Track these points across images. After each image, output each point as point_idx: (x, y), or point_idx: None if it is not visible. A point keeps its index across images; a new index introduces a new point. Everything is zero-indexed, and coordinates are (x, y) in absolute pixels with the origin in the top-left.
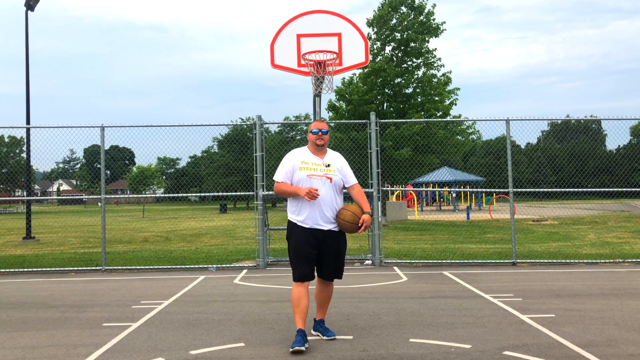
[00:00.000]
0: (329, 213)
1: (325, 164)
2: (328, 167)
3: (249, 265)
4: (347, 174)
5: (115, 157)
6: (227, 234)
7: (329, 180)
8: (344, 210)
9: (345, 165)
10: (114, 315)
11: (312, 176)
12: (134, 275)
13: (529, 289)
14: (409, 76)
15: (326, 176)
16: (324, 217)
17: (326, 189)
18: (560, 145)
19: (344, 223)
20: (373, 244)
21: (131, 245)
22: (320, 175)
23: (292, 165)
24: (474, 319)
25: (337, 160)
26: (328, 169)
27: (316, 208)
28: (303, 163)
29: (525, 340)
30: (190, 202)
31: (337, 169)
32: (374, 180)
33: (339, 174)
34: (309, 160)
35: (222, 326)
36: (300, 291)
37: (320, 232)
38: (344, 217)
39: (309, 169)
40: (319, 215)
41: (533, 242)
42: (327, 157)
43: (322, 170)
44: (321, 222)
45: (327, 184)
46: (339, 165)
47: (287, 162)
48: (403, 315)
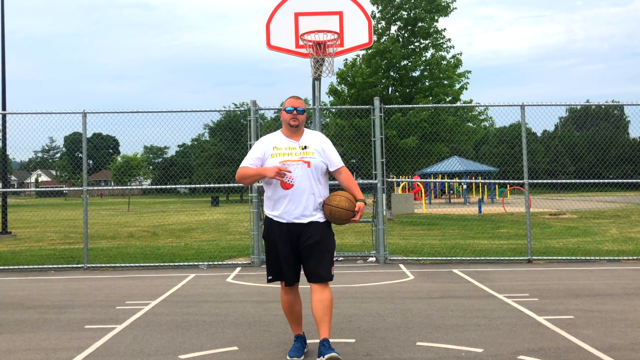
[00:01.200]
0: (310, 204)
1: (302, 146)
2: (305, 149)
3: (242, 263)
4: (331, 156)
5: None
6: (219, 229)
7: (306, 164)
8: (337, 196)
9: (327, 145)
10: (96, 316)
11: (286, 162)
12: (119, 273)
13: (546, 288)
14: (416, 58)
15: (302, 160)
16: (303, 209)
17: (304, 175)
18: (580, 133)
19: (337, 210)
20: (377, 239)
21: (115, 241)
22: (296, 160)
23: (262, 151)
24: (486, 321)
25: (317, 140)
26: (305, 152)
27: (293, 199)
28: (275, 149)
29: (541, 343)
30: (180, 194)
31: (317, 150)
32: (378, 170)
33: (319, 156)
34: (282, 144)
35: (213, 328)
36: (289, 299)
37: (299, 227)
38: (339, 203)
39: (282, 154)
40: (296, 208)
41: (550, 237)
42: (303, 139)
43: (297, 154)
44: (300, 215)
45: (305, 169)
46: (318, 146)
47: (256, 148)
48: (409, 316)
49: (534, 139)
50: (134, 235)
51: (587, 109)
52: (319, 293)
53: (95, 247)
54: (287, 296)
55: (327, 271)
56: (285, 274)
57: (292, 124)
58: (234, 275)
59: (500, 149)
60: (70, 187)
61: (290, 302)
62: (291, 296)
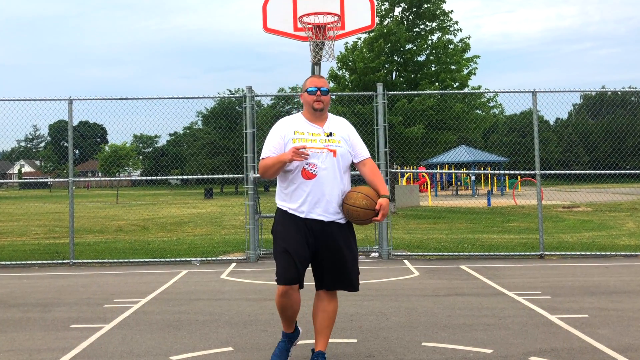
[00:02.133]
0: (334, 198)
1: (327, 132)
2: (330, 136)
3: (238, 258)
4: (357, 145)
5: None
6: (213, 223)
7: (332, 153)
8: (354, 193)
9: (353, 133)
10: (83, 315)
11: (309, 150)
12: (106, 269)
13: (559, 285)
14: (421, 42)
15: (328, 148)
16: (325, 204)
17: (329, 166)
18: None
19: (355, 210)
20: (380, 233)
21: (103, 235)
22: (321, 148)
23: (282, 136)
24: (496, 320)
25: (342, 127)
26: (330, 139)
27: (315, 192)
28: (297, 134)
29: (554, 344)
30: (171, 185)
31: (343, 138)
32: (381, 160)
33: (345, 145)
34: (305, 129)
35: (207, 328)
36: (285, 302)
37: (319, 224)
38: (355, 201)
39: (305, 140)
40: (318, 201)
41: (563, 231)
42: (328, 124)
43: (322, 141)
44: (321, 210)
45: (330, 158)
46: (344, 133)
47: (276, 133)
48: (414, 315)
49: (546, 128)
50: (122, 229)
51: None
52: (325, 302)
53: (81, 241)
54: (283, 299)
55: (352, 283)
56: (292, 270)
57: (316, 107)
58: (228, 272)
59: (511, 138)
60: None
61: (286, 306)
62: (288, 299)
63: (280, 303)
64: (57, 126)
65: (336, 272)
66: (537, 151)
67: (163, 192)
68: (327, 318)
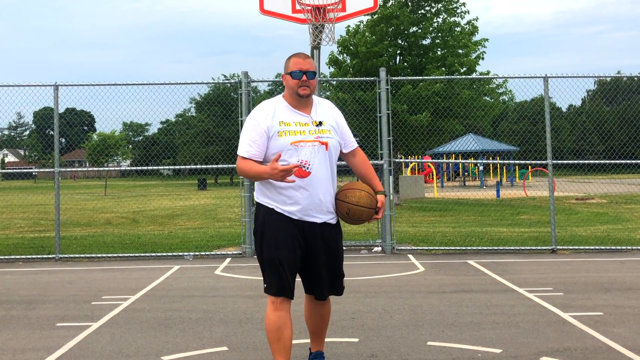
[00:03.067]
0: (328, 198)
1: (315, 121)
2: (320, 125)
3: (233, 253)
4: (346, 133)
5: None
6: (207, 215)
7: (323, 146)
8: (356, 191)
9: (341, 119)
10: (70, 313)
11: (299, 143)
12: (94, 265)
13: (572, 281)
14: (426, 24)
15: (320, 140)
16: (319, 205)
17: (322, 161)
18: (610, 108)
19: (358, 210)
20: (383, 227)
21: (91, 228)
22: (312, 141)
23: (265, 129)
24: (505, 318)
25: (330, 112)
26: (320, 130)
27: (310, 191)
28: (282, 125)
29: (567, 343)
30: (163, 176)
31: (332, 127)
32: (384, 150)
33: (335, 135)
34: (290, 118)
35: (200, 326)
36: (280, 317)
37: (312, 227)
38: (359, 200)
39: (293, 132)
40: (313, 202)
41: (576, 224)
42: (315, 111)
43: (312, 132)
44: (315, 212)
45: (322, 152)
46: (333, 120)
47: (256, 125)
48: (419, 313)
49: (558, 115)
50: (111, 222)
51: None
52: (319, 306)
53: (68, 235)
54: (276, 314)
55: (338, 289)
56: (287, 281)
57: (302, 94)
58: (223, 267)
59: (521, 125)
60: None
61: (280, 324)
62: (283, 315)
63: (276, 322)
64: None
65: (326, 278)
66: (548, 140)
67: (154, 183)
68: (322, 321)
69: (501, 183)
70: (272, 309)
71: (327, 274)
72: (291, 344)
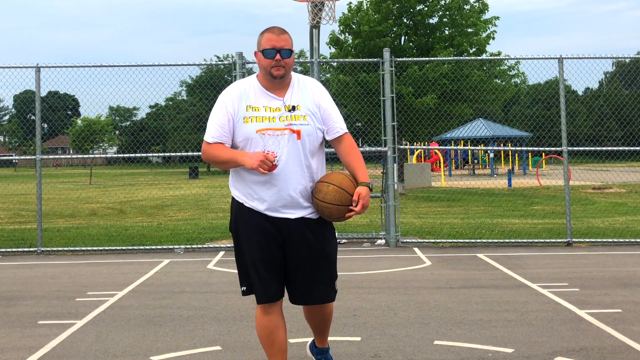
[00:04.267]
0: (300, 192)
1: (288, 106)
2: (293, 110)
3: (226, 246)
4: (330, 117)
5: (54, 107)
6: (199, 206)
7: (295, 135)
8: (324, 185)
9: (325, 101)
10: (52, 310)
11: (265, 131)
12: (79, 258)
13: (588, 276)
14: (433, 2)
15: (291, 128)
16: (290, 200)
17: (292, 152)
18: (629, 91)
19: (325, 207)
20: (387, 218)
21: (75, 220)
22: (281, 129)
23: (231, 113)
24: (518, 315)
25: (310, 95)
26: (293, 115)
27: (277, 185)
28: (250, 110)
29: (583, 342)
30: (152, 164)
31: (310, 111)
32: (388, 136)
33: (313, 121)
34: (260, 102)
35: (192, 324)
36: (270, 321)
37: (285, 223)
38: (325, 195)
39: (260, 119)
40: (281, 197)
41: (593, 215)
42: (290, 93)
43: (283, 118)
44: (286, 208)
45: (293, 142)
46: (312, 104)
47: (222, 108)
48: (426, 310)
49: (574, 99)
50: (97, 213)
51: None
52: (318, 307)
53: (50, 227)
54: (266, 318)
55: (331, 291)
56: (267, 284)
57: (275, 75)
58: (216, 261)
59: (534, 110)
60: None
61: (271, 328)
62: (273, 318)
63: (267, 326)
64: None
65: (307, 284)
66: (563, 125)
67: (142, 171)
68: (323, 321)
69: (513, 171)
70: (260, 312)
71: (309, 277)
72: (286, 346)
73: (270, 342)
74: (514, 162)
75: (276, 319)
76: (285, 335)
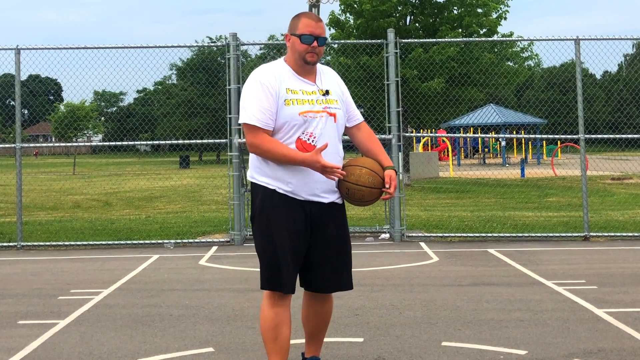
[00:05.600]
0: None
1: (322, 90)
2: (327, 95)
3: (219, 241)
4: (350, 105)
5: (35, 91)
6: (190, 197)
7: (332, 117)
8: (356, 168)
9: (345, 89)
10: (33, 309)
11: (307, 114)
12: (61, 254)
13: (607, 273)
14: None
15: (327, 111)
16: (326, 183)
17: (330, 134)
18: None
19: (359, 190)
20: (391, 210)
21: (57, 212)
22: (320, 111)
23: (274, 94)
24: (531, 315)
25: (335, 81)
26: (328, 100)
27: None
28: (290, 92)
29: (601, 343)
30: (139, 153)
31: (339, 97)
32: (392, 122)
33: (342, 105)
34: (296, 86)
35: (183, 324)
36: (277, 314)
37: (316, 207)
38: (359, 178)
39: (301, 101)
40: (319, 180)
41: (612, 208)
42: (320, 79)
43: (320, 102)
44: (321, 191)
45: (331, 124)
46: (338, 90)
47: (265, 90)
48: (433, 309)
49: (591, 83)
50: (80, 205)
51: None
52: (318, 304)
53: (31, 220)
54: (273, 310)
55: (349, 282)
56: (290, 276)
57: (309, 60)
58: (208, 257)
59: (549, 95)
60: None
61: (277, 321)
62: (281, 311)
63: (273, 319)
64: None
65: (333, 270)
66: (580, 111)
67: (130, 160)
68: (321, 322)
69: (526, 161)
70: (268, 304)
71: (335, 264)
72: (289, 345)
73: (273, 336)
74: (527, 151)
75: (283, 313)
76: (290, 332)
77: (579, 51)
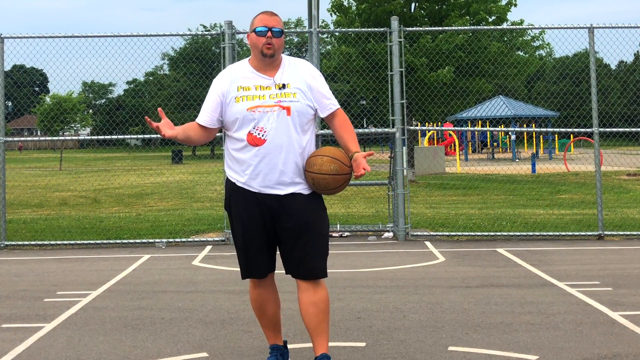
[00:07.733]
0: (289, 167)
1: (279, 84)
2: (283, 88)
3: (214, 240)
4: (321, 95)
5: (19, 82)
6: (183, 194)
7: (284, 111)
8: (317, 158)
9: (315, 80)
10: (17, 312)
11: (256, 109)
12: (47, 254)
13: (622, 274)
14: None
15: (280, 105)
16: (279, 176)
17: (282, 127)
18: None
19: (322, 178)
20: (395, 208)
21: (43, 210)
22: (271, 106)
23: (221, 94)
24: (543, 318)
25: (300, 73)
26: (283, 93)
27: (266, 160)
28: (240, 89)
29: (616, 348)
30: (130, 147)
31: (299, 89)
32: (397, 115)
33: (303, 98)
34: (251, 82)
35: (175, 328)
36: (259, 294)
37: (274, 200)
38: (321, 167)
39: (251, 97)
40: (270, 173)
41: (628, 205)
42: (281, 73)
43: (273, 96)
44: (275, 184)
45: (283, 117)
46: (302, 82)
47: (212, 90)
48: (439, 312)
49: (606, 73)
50: (67, 202)
51: None
52: (310, 293)
53: (15, 218)
54: (255, 292)
55: (321, 264)
56: (256, 262)
57: (266, 53)
58: (202, 257)
59: (561, 86)
60: None
61: (261, 300)
62: (262, 291)
63: (256, 299)
64: None
65: (295, 257)
66: (594, 103)
67: (119, 155)
68: (319, 312)
69: (537, 155)
70: (251, 286)
71: (296, 249)
72: (278, 319)
73: (260, 313)
74: (539, 145)
75: (265, 293)
76: (276, 308)
77: (592, 40)
